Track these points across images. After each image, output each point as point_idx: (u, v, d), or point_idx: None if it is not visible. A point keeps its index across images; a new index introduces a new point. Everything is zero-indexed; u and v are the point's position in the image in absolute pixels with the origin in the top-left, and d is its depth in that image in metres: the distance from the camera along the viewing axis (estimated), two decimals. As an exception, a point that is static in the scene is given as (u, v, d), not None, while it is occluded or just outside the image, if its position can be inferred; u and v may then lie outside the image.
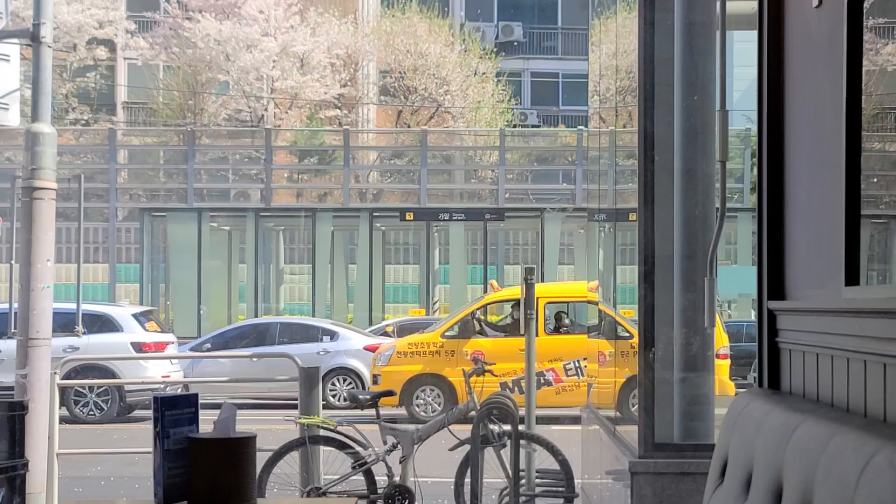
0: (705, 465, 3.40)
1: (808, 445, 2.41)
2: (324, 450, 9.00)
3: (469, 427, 8.81)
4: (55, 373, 9.14)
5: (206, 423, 3.87)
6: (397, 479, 8.91)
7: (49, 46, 8.87)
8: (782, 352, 3.36)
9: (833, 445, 2.29)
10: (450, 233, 30.86)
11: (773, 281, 3.42)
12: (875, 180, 2.94)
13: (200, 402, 3.94)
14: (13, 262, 12.69)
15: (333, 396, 20.00)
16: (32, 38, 8.82)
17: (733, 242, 27.39)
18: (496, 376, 11.98)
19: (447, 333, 18.11)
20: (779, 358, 3.38)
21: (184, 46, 36.75)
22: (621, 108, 6.86)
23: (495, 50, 40.26)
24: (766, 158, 3.48)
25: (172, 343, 19.43)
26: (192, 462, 3.53)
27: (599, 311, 8.00)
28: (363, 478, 8.90)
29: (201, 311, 29.58)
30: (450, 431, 9.14)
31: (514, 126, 38.68)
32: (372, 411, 9.16)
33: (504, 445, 8.81)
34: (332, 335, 21.11)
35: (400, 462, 8.93)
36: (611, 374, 6.90)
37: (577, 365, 17.34)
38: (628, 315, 6.54)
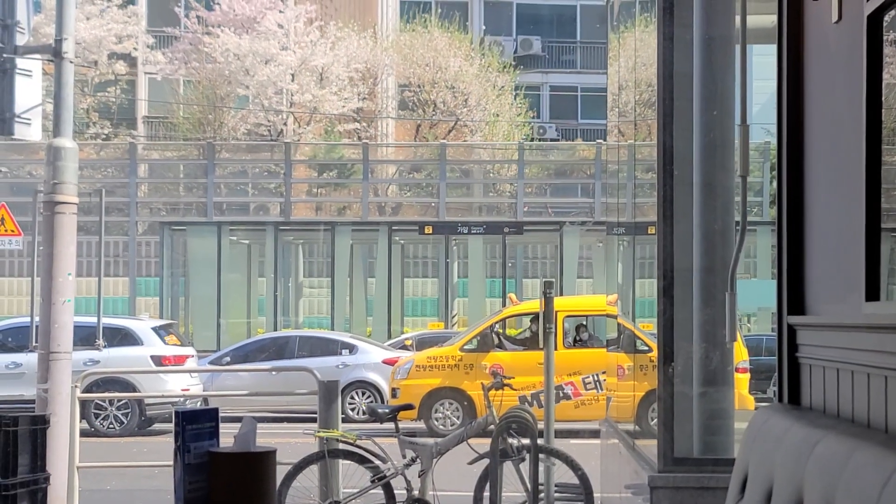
0: (725, 479, 3.39)
1: (829, 461, 2.40)
2: (343, 463, 9.01)
3: (488, 441, 8.81)
4: (76, 386, 9.17)
5: (226, 437, 3.88)
6: (416, 492, 8.91)
7: (71, 62, 8.93)
8: (802, 367, 3.35)
9: (854, 461, 2.28)
10: (468, 246, 30.85)
11: (793, 295, 3.42)
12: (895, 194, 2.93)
13: (220, 415, 3.96)
14: (34, 275, 12.75)
15: (352, 410, 20.00)
16: (54, 53, 8.88)
17: (752, 256, 27.30)
18: (515, 390, 11.97)
19: (466, 347, 18.09)
20: (799, 373, 3.38)
21: (203, 61, 36.90)
22: (640, 122, 6.86)
23: (514, 64, 40.30)
24: (786, 172, 3.48)
25: (192, 356, 19.46)
26: (213, 476, 3.54)
27: (618, 324, 7.99)
28: (382, 491, 8.90)
29: (221, 325, 29.63)
30: (469, 445, 9.13)
31: (533, 140, 38.69)
32: (391, 425, 9.17)
33: (523, 459, 8.79)
34: (351, 349, 21.11)
35: (419, 476, 8.92)
36: (630, 388, 6.89)
37: (596, 379, 17.30)
38: (647, 329, 6.53)
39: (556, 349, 10.29)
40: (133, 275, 32.03)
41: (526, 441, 8.76)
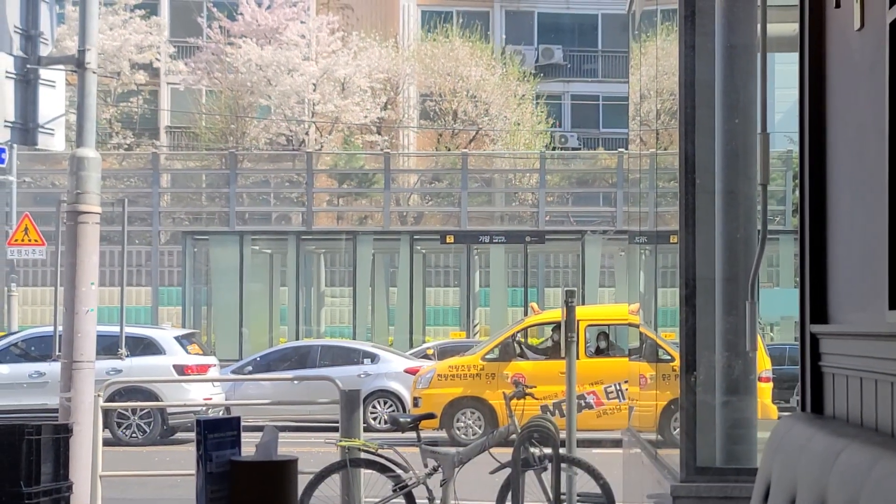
0: (748, 489, 3.38)
1: (852, 471, 2.39)
2: (364, 472, 9.01)
3: (510, 450, 8.80)
4: (98, 395, 9.21)
5: (248, 446, 3.89)
6: (438, 502, 8.90)
7: (93, 72, 8.98)
8: (825, 375, 3.34)
9: (877, 471, 2.27)
10: (490, 255, 30.84)
11: (816, 304, 3.40)
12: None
13: (242, 424, 3.97)
14: (58, 285, 12.82)
15: (374, 419, 20.01)
16: (77, 64, 8.92)
17: (775, 265, 27.20)
18: (537, 399, 11.93)
19: (488, 356, 18.07)
20: (822, 382, 3.36)
21: (226, 71, 37.05)
22: (662, 131, 6.85)
23: (535, 73, 40.30)
24: (809, 180, 3.47)
25: (214, 366, 19.51)
26: (235, 485, 3.55)
27: (640, 333, 7.97)
28: (404, 501, 8.90)
29: (243, 334, 29.70)
30: (490, 454, 9.12)
31: (555, 149, 38.67)
32: (413, 434, 9.16)
33: (545, 469, 8.78)
34: (373, 358, 21.12)
35: (441, 485, 8.92)
36: (652, 397, 6.87)
37: (619, 388, 17.25)
38: (669, 338, 6.52)
39: (578, 358, 10.26)
40: (156, 284, 32.14)
41: (548, 450, 8.74)
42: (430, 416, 10.99)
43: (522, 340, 18.41)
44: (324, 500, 9.01)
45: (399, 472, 8.89)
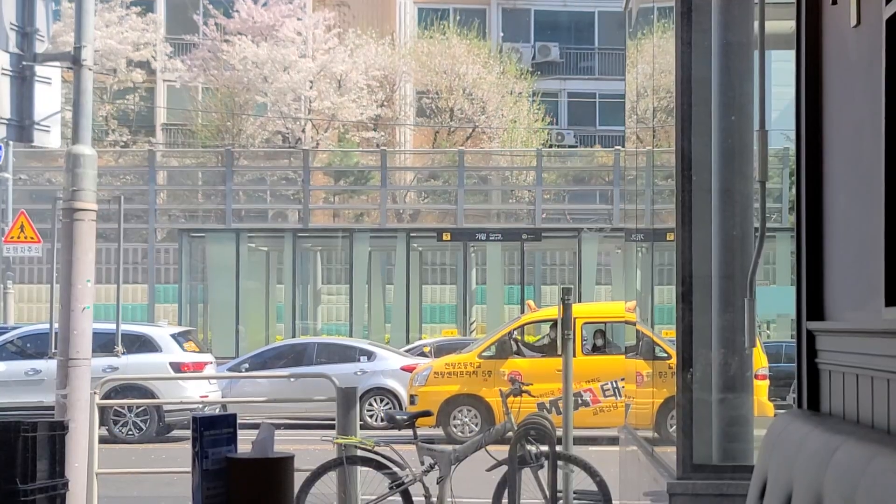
0: (744, 486, 3.38)
1: (849, 467, 2.39)
2: (361, 470, 9.01)
3: (506, 448, 8.80)
4: (95, 393, 9.20)
5: (244, 443, 3.89)
6: (434, 499, 8.91)
7: (89, 69, 8.96)
8: (822, 373, 3.34)
9: (874, 467, 2.27)
10: (487, 253, 30.84)
11: (813, 301, 3.40)
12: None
13: (238, 422, 3.97)
14: (54, 282, 12.79)
15: (371, 417, 20.00)
16: (73, 61, 8.91)
17: (772, 262, 27.20)
18: (533, 397, 11.92)
19: (484, 354, 18.07)
20: (818, 379, 3.36)
21: (222, 68, 37.03)
22: (658, 128, 6.85)
23: (532, 70, 40.30)
24: (805, 178, 3.47)
25: (210, 363, 19.50)
26: (231, 482, 3.55)
27: (637, 331, 7.97)
28: (400, 498, 8.90)
29: (239, 332, 29.69)
30: (487, 452, 9.12)
31: (551, 146, 38.68)
32: (409, 432, 9.17)
33: (541, 466, 8.78)
34: (370, 355, 21.12)
35: (437, 483, 8.92)
36: (649, 395, 6.87)
37: (615, 385, 17.26)
38: (666, 335, 6.51)
39: (574, 356, 10.25)
40: (152, 282, 32.12)
41: (544, 448, 8.75)
42: (427, 413, 11.01)
43: (519, 338, 18.41)
44: (320, 498, 9.01)
45: (395, 469, 8.90)
